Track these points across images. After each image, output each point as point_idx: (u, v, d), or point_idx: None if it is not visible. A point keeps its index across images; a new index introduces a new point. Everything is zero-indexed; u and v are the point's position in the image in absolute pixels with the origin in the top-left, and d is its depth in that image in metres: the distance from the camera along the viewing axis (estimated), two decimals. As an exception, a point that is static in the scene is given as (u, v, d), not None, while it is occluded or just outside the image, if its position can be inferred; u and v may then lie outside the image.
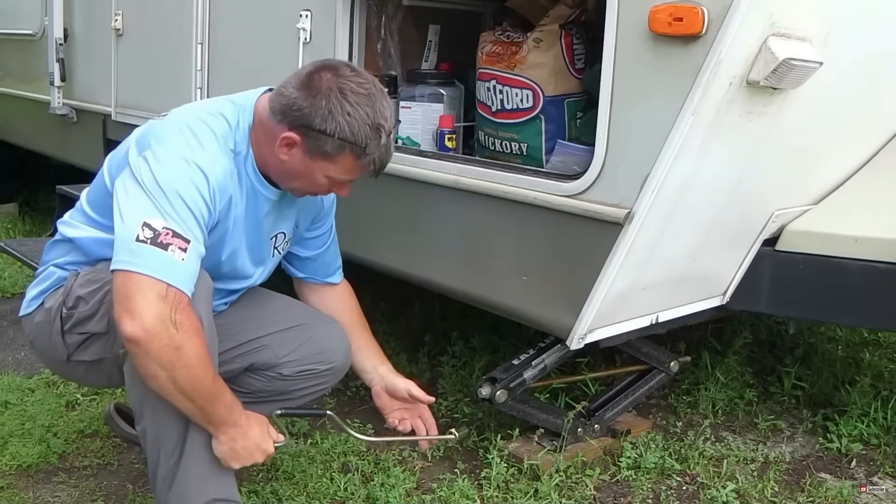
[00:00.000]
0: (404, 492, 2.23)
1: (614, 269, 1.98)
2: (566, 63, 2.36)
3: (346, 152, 1.76)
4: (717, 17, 1.74)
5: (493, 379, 2.30)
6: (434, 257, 2.43)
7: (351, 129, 1.72)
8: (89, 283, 1.84)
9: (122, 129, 3.62)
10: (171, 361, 1.61)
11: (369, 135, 1.74)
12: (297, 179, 1.84)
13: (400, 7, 2.71)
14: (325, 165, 1.78)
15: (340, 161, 1.77)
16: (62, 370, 2.03)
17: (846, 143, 2.38)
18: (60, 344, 1.88)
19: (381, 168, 1.83)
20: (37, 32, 4.30)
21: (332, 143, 1.74)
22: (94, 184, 1.94)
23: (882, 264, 2.25)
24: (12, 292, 3.85)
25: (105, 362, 1.86)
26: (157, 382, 1.64)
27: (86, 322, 1.83)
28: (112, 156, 1.92)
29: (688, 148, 1.85)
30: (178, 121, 1.80)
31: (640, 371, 2.65)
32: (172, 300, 1.61)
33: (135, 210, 1.67)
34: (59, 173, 4.69)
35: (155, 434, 1.77)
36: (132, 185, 1.71)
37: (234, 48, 3.03)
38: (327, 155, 1.76)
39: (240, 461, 1.79)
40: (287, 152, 1.78)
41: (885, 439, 2.58)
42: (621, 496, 2.28)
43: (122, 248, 1.65)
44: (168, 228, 1.65)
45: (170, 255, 1.63)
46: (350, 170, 1.80)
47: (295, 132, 1.75)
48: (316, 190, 1.88)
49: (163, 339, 1.59)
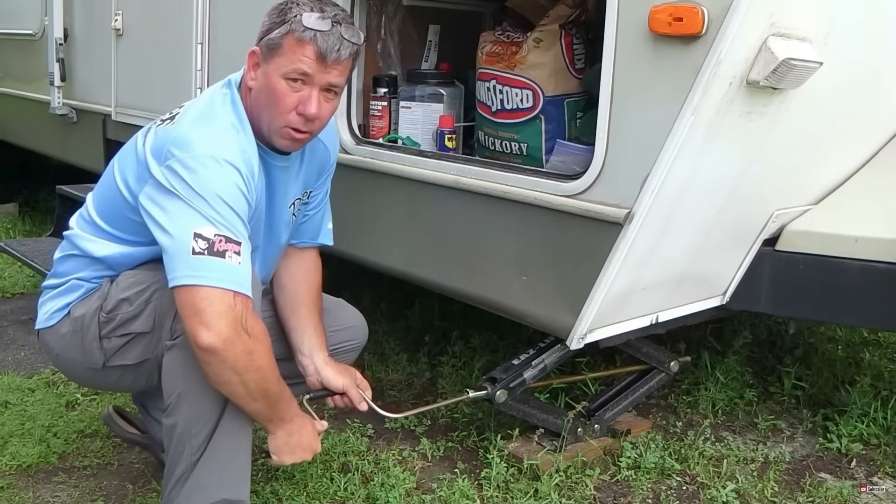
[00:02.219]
0: (404, 492, 2.23)
1: (614, 269, 1.98)
2: (566, 63, 2.36)
3: (288, 35, 1.76)
4: (717, 16, 1.74)
5: (492, 379, 2.30)
6: (434, 257, 2.43)
7: (294, 15, 1.76)
8: (134, 285, 1.85)
9: (122, 129, 3.62)
10: (245, 366, 1.67)
11: (311, 15, 1.76)
12: (265, 104, 1.81)
13: (400, 7, 2.71)
14: (277, 62, 1.78)
15: (286, 47, 1.77)
16: (92, 379, 2.02)
17: (846, 142, 2.38)
18: (97, 350, 1.88)
19: (327, 51, 1.77)
20: (37, 32, 4.30)
21: (278, 32, 1.77)
22: (104, 193, 1.93)
23: (882, 264, 2.25)
24: (12, 292, 3.85)
25: (146, 364, 1.88)
26: (229, 387, 1.70)
27: (130, 322, 1.85)
28: (118, 162, 1.90)
29: (688, 148, 1.85)
30: (190, 121, 1.80)
31: (640, 371, 2.65)
32: (241, 307, 1.66)
33: (180, 222, 1.68)
34: (59, 173, 4.70)
35: (186, 429, 1.78)
36: (166, 197, 1.71)
37: (233, 48, 3.02)
38: (276, 48, 1.78)
39: (293, 456, 1.87)
40: (254, 76, 1.82)
41: (885, 439, 2.58)
42: (621, 496, 2.28)
43: (179, 263, 1.66)
44: (220, 235, 1.67)
45: (228, 262, 1.66)
46: (296, 53, 1.77)
47: (256, 47, 1.82)
48: (284, 108, 1.81)
49: (238, 347, 1.64)
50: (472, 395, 2.28)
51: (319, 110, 1.81)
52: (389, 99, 2.64)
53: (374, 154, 2.50)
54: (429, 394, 2.87)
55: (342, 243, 2.26)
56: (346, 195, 2.39)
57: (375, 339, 3.15)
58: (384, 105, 2.64)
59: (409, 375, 3.00)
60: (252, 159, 1.80)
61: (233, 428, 1.79)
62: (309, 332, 2.06)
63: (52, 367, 2.86)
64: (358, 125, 2.60)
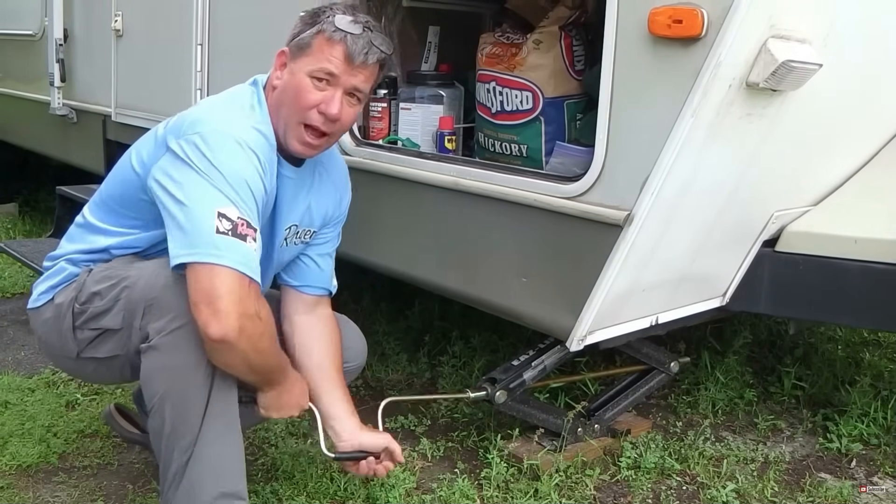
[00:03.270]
0: (404, 492, 2.23)
1: (614, 270, 1.98)
2: (566, 64, 2.37)
3: (318, 36, 1.80)
4: (717, 19, 1.74)
5: (492, 379, 2.31)
6: (434, 259, 2.43)
7: (321, 15, 1.82)
8: (105, 279, 1.84)
9: (121, 129, 3.63)
10: (252, 349, 1.69)
11: (343, 18, 1.81)
12: (286, 101, 1.83)
13: (400, 8, 2.72)
14: (305, 61, 1.81)
15: (316, 46, 1.81)
16: (70, 367, 2.03)
17: (845, 143, 2.39)
18: (71, 340, 1.88)
19: (355, 53, 1.80)
20: (37, 33, 4.30)
21: (309, 32, 1.82)
22: (115, 175, 1.94)
23: (881, 265, 2.25)
24: (12, 292, 3.85)
25: (117, 359, 1.86)
26: (232, 368, 1.73)
27: (100, 318, 1.84)
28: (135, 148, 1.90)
29: (687, 150, 1.85)
30: (211, 103, 1.85)
31: (640, 371, 2.65)
32: (255, 293, 1.67)
33: (202, 198, 1.67)
34: (59, 173, 4.70)
35: (171, 430, 1.77)
36: (183, 170, 1.70)
37: (234, 49, 3.03)
38: (305, 47, 1.82)
39: (281, 412, 1.92)
40: (280, 74, 1.85)
41: (885, 439, 2.58)
42: (621, 496, 2.29)
43: (198, 239, 1.64)
44: (242, 219, 1.67)
45: (248, 246, 1.66)
46: (325, 53, 1.80)
47: (286, 48, 1.86)
48: (304, 104, 1.81)
49: (248, 334, 1.65)
50: (473, 396, 2.28)
51: (341, 112, 1.83)
52: (389, 100, 2.65)
53: (373, 155, 2.50)
54: (429, 394, 2.87)
55: (342, 244, 2.25)
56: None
57: (375, 339, 3.16)
58: (384, 106, 2.64)
59: (409, 375, 3.01)
60: (270, 154, 1.81)
61: (220, 423, 1.77)
62: (339, 397, 2.02)
63: (51, 366, 2.86)
64: (358, 126, 2.60)
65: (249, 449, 2.31)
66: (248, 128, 1.78)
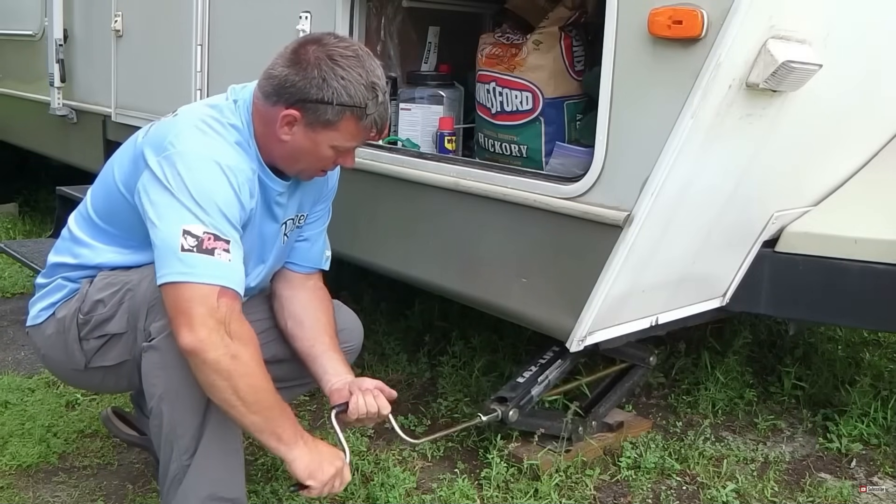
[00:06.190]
0: (404, 492, 2.23)
1: (614, 271, 1.98)
2: (566, 65, 2.36)
3: (346, 116, 1.75)
4: (717, 19, 1.74)
5: (501, 398, 2.30)
6: (434, 259, 2.43)
7: (348, 92, 1.73)
8: (108, 287, 1.85)
9: (121, 129, 3.62)
10: (229, 370, 1.63)
11: (366, 94, 1.74)
12: (302, 158, 1.83)
13: (400, 8, 2.71)
14: (329, 135, 1.78)
15: (343, 126, 1.77)
16: (79, 380, 2.02)
17: (845, 144, 2.39)
18: (78, 351, 1.88)
19: (382, 128, 1.82)
20: (37, 33, 4.30)
21: (332, 109, 1.74)
22: (101, 190, 1.93)
23: (881, 265, 2.25)
24: (12, 292, 3.86)
25: (125, 365, 1.87)
26: (219, 394, 1.66)
27: (105, 324, 1.84)
28: (117, 160, 1.90)
29: (687, 150, 1.85)
30: (191, 120, 1.79)
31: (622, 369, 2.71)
32: (226, 308, 1.63)
33: (170, 218, 1.67)
34: (59, 173, 4.70)
35: (170, 430, 1.77)
36: (158, 191, 1.70)
37: (233, 50, 3.03)
38: (329, 123, 1.76)
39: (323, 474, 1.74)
40: (289, 131, 1.78)
41: (885, 439, 2.59)
42: (621, 496, 2.29)
43: (168, 259, 1.65)
44: (208, 233, 1.65)
45: (217, 259, 1.65)
46: (353, 134, 1.79)
47: (293, 108, 1.75)
48: (323, 165, 1.86)
49: (219, 349, 1.61)
50: (486, 419, 2.25)
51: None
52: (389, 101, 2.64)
53: (373, 156, 2.50)
54: (429, 394, 2.88)
55: (342, 245, 2.26)
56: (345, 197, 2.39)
57: (375, 339, 3.16)
58: (384, 107, 2.64)
59: (409, 375, 3.01)
60: (248, 171, 1.78)
61: (220, 425, 1.77)
62: (335, 357, 1.98)
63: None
64: (358, 127, 2.60)
65: (249, 449, 2.31)
66: (226, 149, 1.76)
